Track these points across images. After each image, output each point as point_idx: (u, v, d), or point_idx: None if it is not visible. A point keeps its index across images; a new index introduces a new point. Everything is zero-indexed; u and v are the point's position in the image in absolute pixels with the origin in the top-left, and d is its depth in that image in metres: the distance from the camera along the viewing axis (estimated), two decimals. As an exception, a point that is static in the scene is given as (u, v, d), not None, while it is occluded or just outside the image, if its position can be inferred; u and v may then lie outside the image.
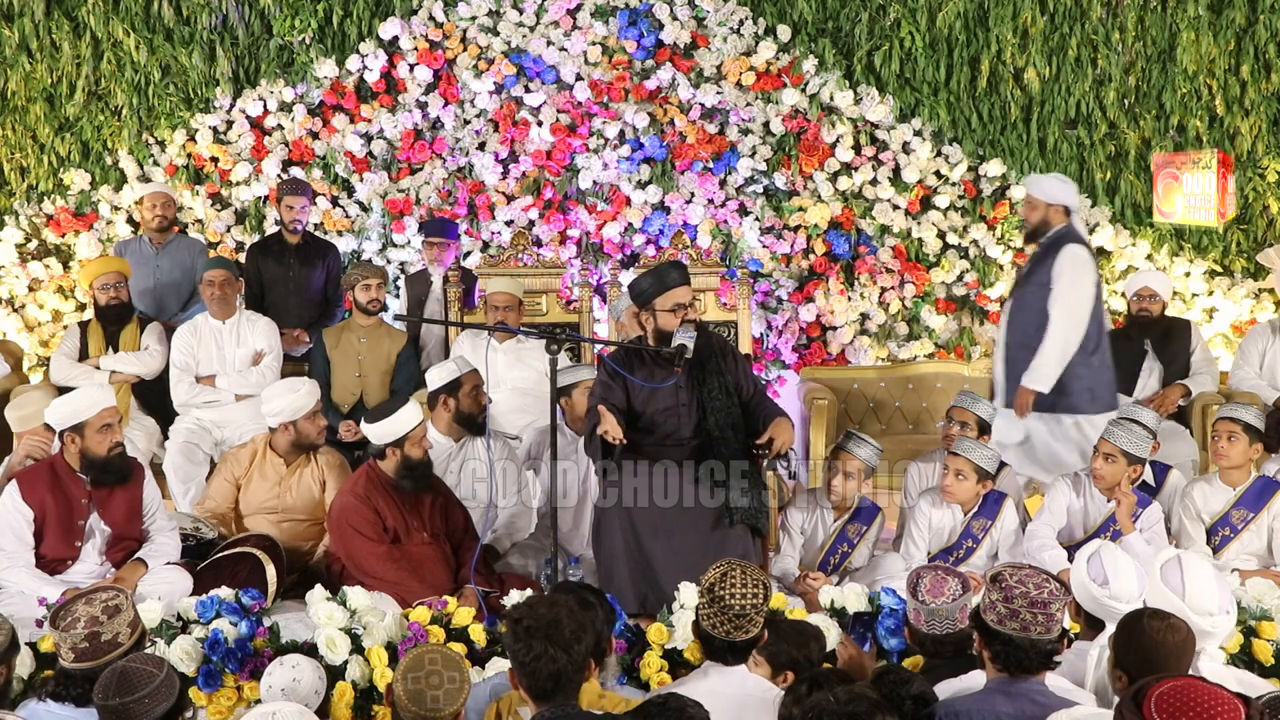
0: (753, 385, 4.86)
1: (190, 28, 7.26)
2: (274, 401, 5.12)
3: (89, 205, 7.34)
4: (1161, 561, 3.27)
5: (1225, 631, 3.28)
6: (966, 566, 4.87)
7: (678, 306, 4.66)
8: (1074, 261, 5.30)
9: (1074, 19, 7.17)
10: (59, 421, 4.62)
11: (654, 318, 4.71)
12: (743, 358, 5.02)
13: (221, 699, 3.91)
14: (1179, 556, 3.27)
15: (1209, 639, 3.21)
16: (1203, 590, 3.19)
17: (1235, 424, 4.99)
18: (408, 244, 7.29)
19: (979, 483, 4.92)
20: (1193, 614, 3.13)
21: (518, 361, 6.07)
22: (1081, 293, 5.30)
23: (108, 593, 3.27)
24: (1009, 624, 2.95)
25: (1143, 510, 4.87)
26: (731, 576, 3.19)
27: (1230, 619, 3.26)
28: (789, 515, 5.14)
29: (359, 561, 4.65)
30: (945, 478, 4.95)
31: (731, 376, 4.77)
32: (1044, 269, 5.35)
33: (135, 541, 4.70)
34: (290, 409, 5.09)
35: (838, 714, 2.62)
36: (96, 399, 4.64)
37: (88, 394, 4.70)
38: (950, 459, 4.95)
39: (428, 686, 2.93)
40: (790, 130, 7.25)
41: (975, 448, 4.93)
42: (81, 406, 4.60)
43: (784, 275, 7.30)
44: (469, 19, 7.28)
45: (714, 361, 4.74)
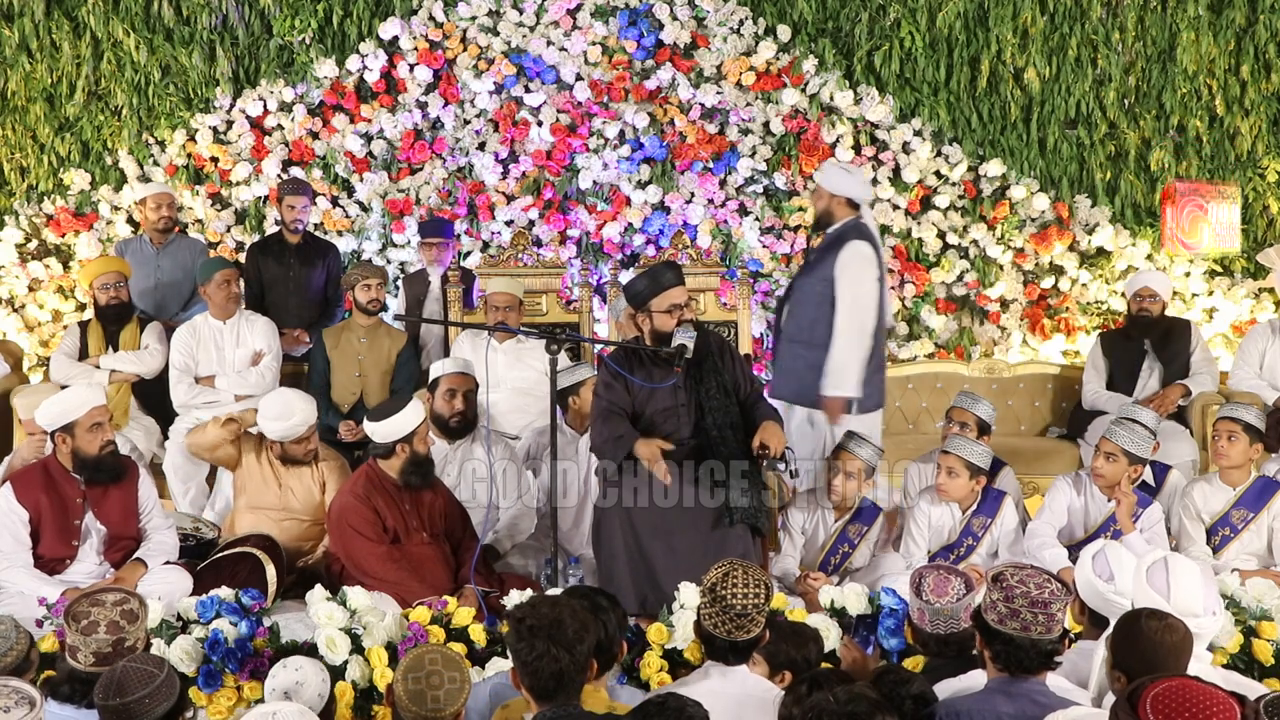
0: (750, 385, 4.87)
1: (190, 28, 7.26)
2: (265, 422, 5.10)
3: (89, 205, 7.34)
4: (1148, 563, 3.26)
5: (1212, 633, 3.27)
6: (966, 565, 4.87)
7: (674, 307, 4.65)
8: (856, 260, 5.16)
9: (1074, 19, 7.17)
10: (49, 422, 4.62)
11: (650, 319, 4.70)
12: (741, 358, 5.02)
13: (221, 699, 3.91)
14: (1165, 558, 3.27)
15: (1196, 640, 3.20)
16: (1188, 591, 3.18)
17: (1236, 424, 4.99)
18: (408, 244, 7.29)
19: (972, 479, 4.93)
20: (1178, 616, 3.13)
21: (518, 361, 6.07)
22: (863, 291, 5.17)
23: (115, 594, 3.27)
24: (1010, 624, 2.95)
25: (1143, 510, 4.87)
26: (733, 576, 3.19)
27: (1217, 620, 3.25)
28: (790, 515, 5.14)
29: (359, 562, 4.65)
30: (938, 476, 4.96)
31: (730, 376, 4.77)
32: (826, 264, 5.23)
33: (133, 541, 4.70)
34: (279, 432, 5.07)
35: (838, 714, 2.62)
36: (85, 398, 4.64)
37: (76, 394, 4.69)
38: (942, 457, 4.96)
39: (428, 687, 2.93)
40: (790, 130, 7.25)
41: (966, 444, 4.93)
42: (70, 406, 4.59)
43: (784, 275, 7.30)
44: (469, 19, 7.28)
45: (711, 361, 4.74)
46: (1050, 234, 7.20)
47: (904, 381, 6.98)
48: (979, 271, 7.27)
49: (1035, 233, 7.23)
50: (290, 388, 5.47)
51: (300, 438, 5.08)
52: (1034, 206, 7.20)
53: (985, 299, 7.30)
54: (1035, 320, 7.30)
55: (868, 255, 5.18)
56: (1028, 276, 7.32)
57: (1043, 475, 6.10)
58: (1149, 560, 3.29)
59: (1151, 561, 3.27)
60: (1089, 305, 7.31)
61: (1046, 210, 7.22)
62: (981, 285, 7.28)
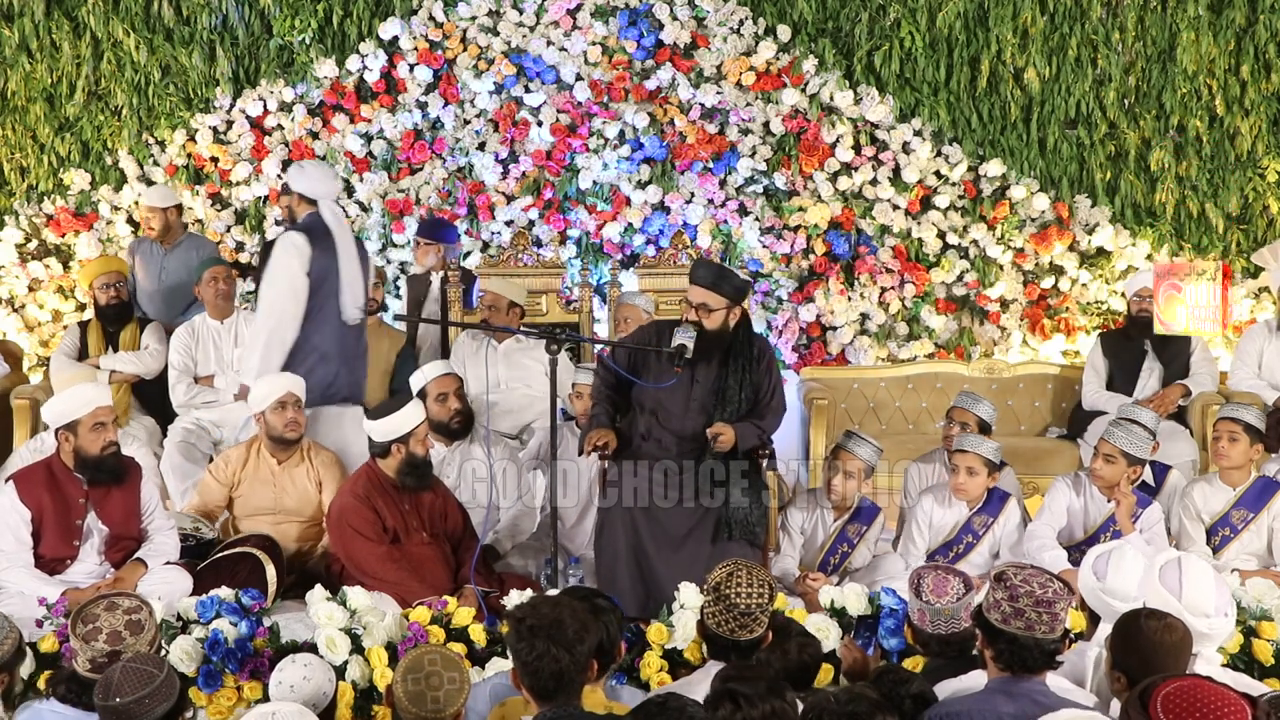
0: (771, 397, 4.78)
1: (190, 28, 7.25)
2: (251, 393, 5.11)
3: (89, 205, 7.33)
4: (1160, 563, 3.26)
5: (1224, 634, 3.27)
6: (965, 563, 4.88)
7: (685, 302, 4.64)
8: (281, 248, 5.16)
9: (1074, 19, 7.16)
10: (53, 420, 4.62)
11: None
12: (777, 370, 4.92)
13: (221, 699, 3.91)
14: (1178, 558, 3.27)
15: (1206, 641, 3.20)
16: (1201, 592, 3.18)
17: (1236, 424, 4.99)
18: (407, 244, 7.28)
19: (989, 475, 4.92)
20: (1190, 615, 3.13)
21: (518, 362, 6.07)
22: (279, 278, 5.14)
23: (129, 601, 3.26)
24: (1014, 623, 2.95)
25: (1143, 510, 4.86)
26: (738, 576, 3.20)
27: (1229, 621, 3.25)
28: (789, 515, 5.14)
29: (359, 562, 4.64)
30: (957, 476, 4.92)
31: (756, 378, 4.72)
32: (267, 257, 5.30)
33: (134, 541, 4.69)
34: (260, 396, 5.04)
35: (838, 714, 2.62)
36: (90, 397, 4.62)
37: (82, 392, 4.68)
38: (959, 456, 4.92)
39: (428, 687, 2.93)
40: (790, 130, 7.25)
41: (980, 441, 4.92)
42: (75, 405, 4.58)
43: (784, 275, 7.30)
44: (469, 19, 7.27)
45: (745, 358, 4.68)
46: (1050, 234, 7.20)
47: (904, 381, 6.98)
48: (979, 271, 7.27)
49: (1035, 233, 7.23)
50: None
51: (277, 403, 4.99)
52: (1034, 206, 7.20)
53: (985, 299, 7.30)
54: (1035, 320, 7.30)
55: (297, 244, 5.14)
56: (1028, 276, 7.32)
57: (1043, 475, 6.09)
58: (1161, 560, 3.28)
59: (1164, 562, 3.27)
60: (1089, 305, 7.30)
61: (1046, 210, 7.21)
62: (981, 285, 7.28)
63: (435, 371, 5.35)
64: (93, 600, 3.26)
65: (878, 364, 7.20)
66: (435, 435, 5.15)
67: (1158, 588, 3.20)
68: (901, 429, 6.90)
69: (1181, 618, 3.07)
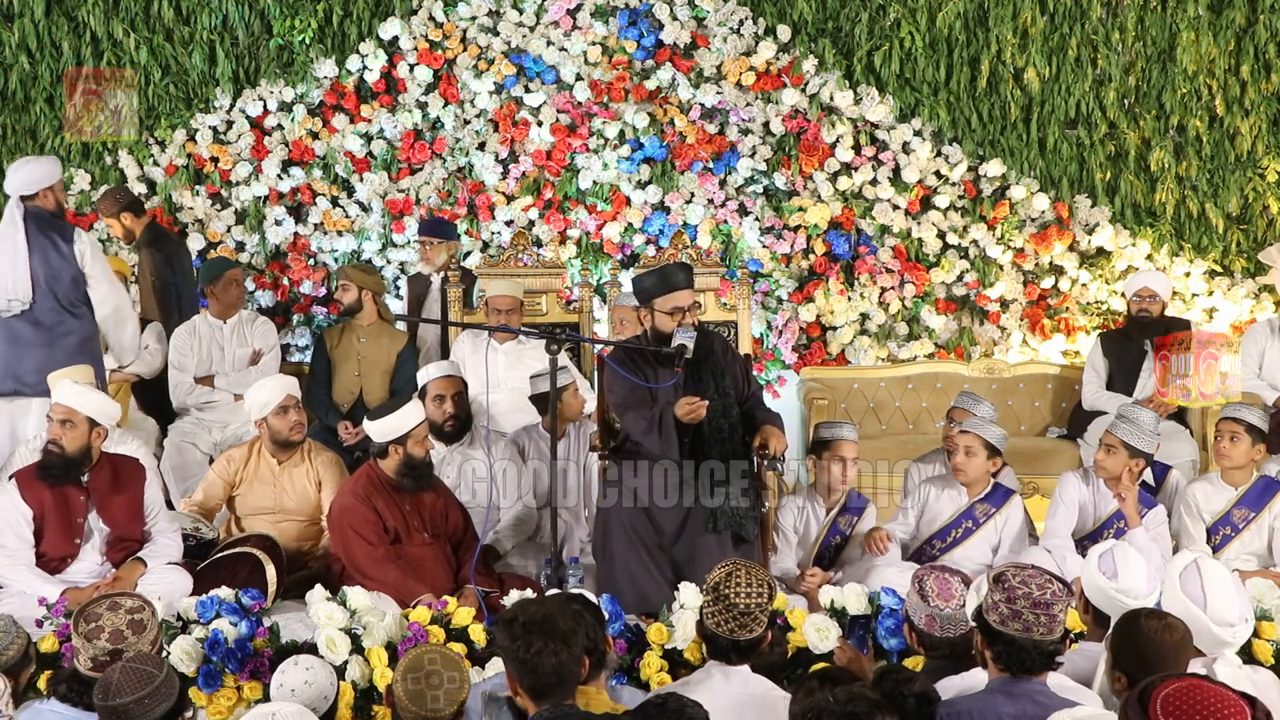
0: (749, 386, 4.86)
1: (190, 28, 7.25)
2: (246, 402, 5.14)
3: (89, 205, 7.33)
4: (1180, 568, 3.23)
5: (1243, 640, 3.26)
6: (962, 549, 4.88)
7: (676, 309, 4.64)
8: None
9: (1074, 19, 7.17)
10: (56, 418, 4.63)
11: (652, 316, 4.70)
12: (742, 359, 5.02)
13: (221, 699, 3.91)
14: (1197, 563, 3.24)
15: (1226, 648, 3.19)
16: (1225, 599, 3.16)
17: (1238, 424, 4.99)
18: (408, 244, 7.28)
19: (989, 459, 4.92)
20: (1214, 625, 3.12)
21: (518, 362, 6.07)
22: None
23: (132, 600, 3.26)
24: (1011, 624, 2.94)
25: (1148, 510, 4.87)
26: (737, 576, 3.20)
27: (1249, 627, 3.24)
28: (780, 517, 5.13)
29: (358, 564, 4.64)
30: (955, 457, 4.95)
31: (731, 376, 4.77)
32: None
33: (136, 542, 4.69)
34: (259, 404, 5.07)
35: (838, 714, 2.62)
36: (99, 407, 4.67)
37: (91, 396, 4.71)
38: (960, 436, 4.94)
39: (428, 687, 2.93)
40: (790, 130, 7.25)
41: (983, 425, 4.93)
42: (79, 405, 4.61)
43: (784, 275, 7.30)
44: (469, 19, 7.27)
45: (713, 360, 4.74)
46: (1050, 234, 7.20)
47: (904, 381, 6.98)
48: (979, 271, 7.27)
49: (1035, 233, 7.23)
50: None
51: (280, 406, 5.05)
52: (1034, 206, 7.20)
53: (985, 299, 7.30)
54: (1035, 320, 7.30)
55: None
56: (1028, 276, 7.32)
57: (1043, 475, 6.10)
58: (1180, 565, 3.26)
59: (1184, 567, 3.25)
60: (1089, 305, 7.31)
61: (1046, 210, 7.21)
62: (981, 285, 7.28)
63: (438, 371, 5.34)
64: (95, 599, 3.27)
65: (878, 364, 7.20)
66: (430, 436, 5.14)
67: (1180, 597, 3.18)
68: (901, 429, 6.90)
69: (1204, 627, 3.06)
